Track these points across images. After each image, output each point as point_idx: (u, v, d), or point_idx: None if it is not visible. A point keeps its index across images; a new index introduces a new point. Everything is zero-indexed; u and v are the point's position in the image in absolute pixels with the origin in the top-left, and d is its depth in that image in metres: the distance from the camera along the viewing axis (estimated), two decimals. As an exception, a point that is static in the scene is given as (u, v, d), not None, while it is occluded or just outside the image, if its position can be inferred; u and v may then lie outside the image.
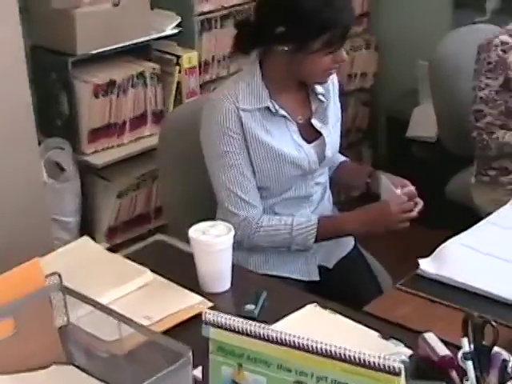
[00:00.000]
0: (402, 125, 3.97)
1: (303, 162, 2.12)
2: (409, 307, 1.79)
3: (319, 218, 2.11)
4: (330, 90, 2.19)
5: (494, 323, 1.40)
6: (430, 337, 1.53)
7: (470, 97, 2.85)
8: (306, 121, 2.16)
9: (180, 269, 1.92)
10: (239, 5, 3.55)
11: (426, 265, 1.91)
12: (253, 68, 2.09)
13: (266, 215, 2.12)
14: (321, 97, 2.16)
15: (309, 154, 2.13)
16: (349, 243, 2.28)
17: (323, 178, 2.23)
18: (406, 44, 4.25)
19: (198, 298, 1.80)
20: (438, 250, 1.97)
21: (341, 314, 1.74)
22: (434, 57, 3.21)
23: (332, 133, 2.19)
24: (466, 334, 1.40)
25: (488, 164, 2.83)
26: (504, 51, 2.65)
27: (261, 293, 1.79)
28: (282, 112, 2.10)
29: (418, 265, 1.91)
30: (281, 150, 2.09)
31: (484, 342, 1.38)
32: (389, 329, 1.68)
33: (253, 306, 1.75)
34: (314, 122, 2.16)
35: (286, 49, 2.02)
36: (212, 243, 1.83)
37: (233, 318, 1.29)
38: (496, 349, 1.36)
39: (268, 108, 2.08)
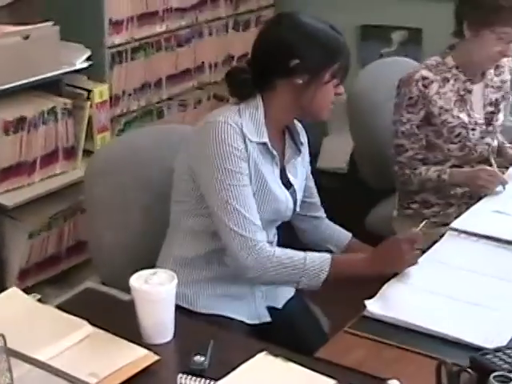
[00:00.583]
0: (312, 156, 3.97)
1: (282, 206, 2.09)
2: (361, 351, 1.76)
3: (332, 256, 2.03)
4: (304, 142, 2.19)
5: (470, 371, 1.38)
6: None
7: (387, 131, 2.87)
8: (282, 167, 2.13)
9: (118, 319, 1.84)
10: (149, 37, 3.49)
11: (373, 306, 1.88)
12: (255, 103, 2.04)
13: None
14: (299, 146, 2.16)
15: (287, 200, 2.11)
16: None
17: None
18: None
19: (142, 351, 1.71)
20: (382, 289, 1.95)
21: (292, 361, 1.68)
22: (351, 91, 3.21)
23: (299, 187, 2.18)
24: (439, 382, 1.37)
25: (410, 197, 2.85)
26: (425, 86, 2.67)
27: (208, 343, 1.72)
28: (274, 152, 2.06)
29: (364, 306, 1.89)
30: (271, 187, 2.05)
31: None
32: (344, 375, 1.64)
33: (202, 358, 1.68)
34: (288, 168, 2.14)
35: (301, 81, 2.00)
36: (156, 292, 1.75)
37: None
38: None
39: (265, 144, 2.04)
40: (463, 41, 2.70)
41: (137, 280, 1.77)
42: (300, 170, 2.18)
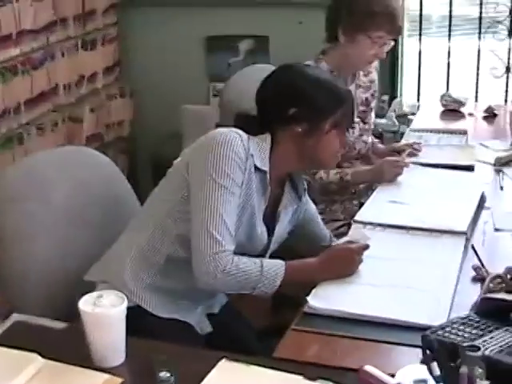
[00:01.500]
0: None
1: (254, 238, 2.11)
2: (316, 345, 1.80)
3: (286, 262, 2.05)
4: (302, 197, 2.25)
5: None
6: (372, 369, 1.57)
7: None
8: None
9: (60, 348, 1.79)
10: (5, 61, 3.40)
11: (314, 301, 1.94)
12: (264, 137, 2.07)
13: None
14: (300, 194, 2.22)
15: (262, 237, 2.14)
16: None
17: None
18: (164, 90, 4.30)
19: (103, 376, 1.68)
20: (317, 286, 2.02)
21: (254, 364, 1.72)
22: (221, 102, 3.28)
23: (279, 237, 2.21)
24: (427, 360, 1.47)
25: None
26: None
27: (166, 358, 1.72)
28: (269, 186, 2.08)
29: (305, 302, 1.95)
30: (254, 213, 2.07)
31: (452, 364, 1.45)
32: (308, 370, 1.68)
33: (167, 374, 1.67)
34: (281, 216, 2.17)
35: (300, 130, 2.04)
36: (110, 314, 1.73)
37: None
38: (463, 368, 1.43)
39: (264, 173, 2.06)
40: (337, 45, 2.82)
41: (85, 304, 1.74)
42: (289, 220, 2.22)
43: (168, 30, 4.25)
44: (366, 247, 2.10)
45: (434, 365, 1.45)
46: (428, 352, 1.57)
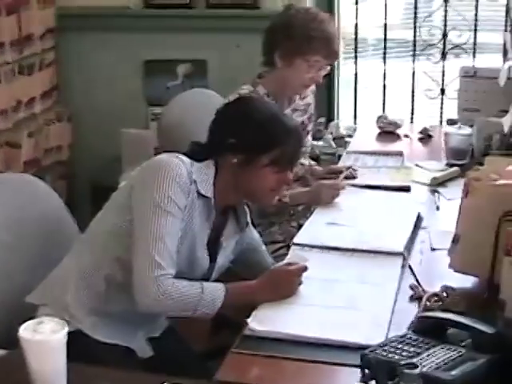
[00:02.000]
0: (108, 193, 3.99)
1: (197, 264, 2.13)
2: (257, 367, 1.82)
3: (226, 284, 2.07)
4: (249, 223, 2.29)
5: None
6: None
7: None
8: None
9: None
10: None
11: (254, 324, 1.96)
12: (207, 163, 2.11)
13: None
14: (242, 225, 2.26)
15: (203, 263, 2.16)
16: None
17: None
18: (103, 113, 4.30)
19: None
20: (257, 308, 2.04)
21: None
22: (159, 126, 3.30)
23: (221, 266, 2.23)
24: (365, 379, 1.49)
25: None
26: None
27: None
28: (213, 210, 2.10)
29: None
30: (195, 237, 2.09)
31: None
32: (250, 393, 1.71)
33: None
34: (223, 245, 2.20)
35: (235, 160, 2.07)
36: (52, 341, 1.71)
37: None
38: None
39: (207, 200, 2.08)
40: (274, 69, 2.86)
41: (25, 331, 1.72)
42: (232, 250, 2.25)
43: (105, 55, 4.25)
44: (305, 269, 2.12)
45: (373, 383, 1.47)
46: (367, 371, 1.60)
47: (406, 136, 3.68)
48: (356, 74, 4.28)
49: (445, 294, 2.05)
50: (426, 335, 1.77)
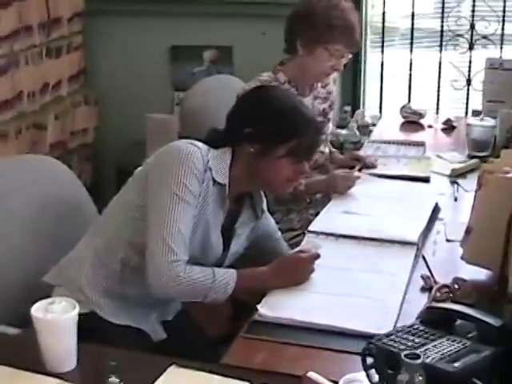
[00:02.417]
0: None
1: (210, 250, 2.15)
2: (263, 352, 1.84)
3: (237, 270, 2.09)
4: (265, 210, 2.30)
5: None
6: (315, 376, 1.60)
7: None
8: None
9: (14, 353, 1.81)
10: None
11: (264, 309, 1.98)
12: (224, 150, 2.11)
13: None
14: (258, 213, 2.26)
15: (217, 250, 2.17)
16: None
17: None
18: (129, 98, 4.33)
19: (54, 381, 1.71)
20: (268, 294, 2.06)
21: (202, 370, 1.75)
22: (181, 111, 3.32)
23: (235, 252, 2.25)
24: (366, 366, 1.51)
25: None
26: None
27: (117, 364, 1.74)
28: (227, 200, 2.12)
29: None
30: (209, 224, 2.11)
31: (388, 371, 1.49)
32: (255, 376, 1.72)
33: (117, 380, 1.70)
34: (238, 232, 2.22)
35: (252, 150, 2.07)
36: (62, 320, 1.75)
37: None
38: (400, 377, 1.47)
39: (221, 187, 2.09)
40: (295, 57, 2.87)
41: (37, 311, 1.76)
42: (246, 237, 2.27)
43: (133, 39, 4.28)
44: (317, 256, 2.14)
45: (372, 372, 1.49)
46: (369, 359, 1.61)
47: (430, 126, 3.67)
48: (382, 63, 4.27)
49: (456, 286, 2.05)
50: (434, 326, 1.77)
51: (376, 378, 1.48)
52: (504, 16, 3.98)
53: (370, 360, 1.62)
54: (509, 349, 1.64)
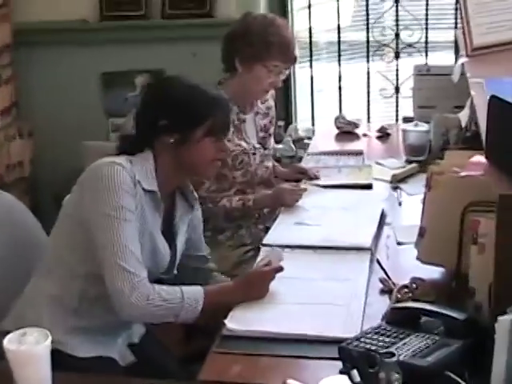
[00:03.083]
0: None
1: (159, 257, 2.16)
2: (238, 365, 1.86)
3: (204, 287, 2.10)
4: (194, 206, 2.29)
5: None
6: (294, 383, 1.64)
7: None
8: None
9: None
10: None
11: (232, 324, 2.01)
12: (145, 155, 2.11)
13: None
14: (192, 203, 2.27)
15: (166, 253, 2.19)
16: None
17: None
18: (63, 128, 4.31)
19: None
20: (234, 308, 2.09)
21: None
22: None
23: (182, 243, 2.27)
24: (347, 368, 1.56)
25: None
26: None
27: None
28: (161, 202, 2.12)
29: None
30: (153, 235, 2.12)
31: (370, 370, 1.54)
32: (234, 390, 1.76)
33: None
34: (177, 227, 2.22)
35: (172, 140, 2.09)
36: (36, 351, 1.75)
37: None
38: (382, 374, 1.52)
39: (153, 193, 2.09)
40: (234, 76, 2.91)
41: (10, 343, 1.75)
42: (186, 230, 2.28)
43: (63, 69, 4.27)
44: (280, 269, 2.18)
45: (355, 372, 1.53)
46: (347, 361, 1.66)
47: (365, 135, 3.76)
48: (312, 77, 4.35)
49: (414, 286, 2.12)
50: (400, 325, 1.84)
51: (358, 378, 1.52)
52: (427, 24, 4.11)
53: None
54: (476, 340, 1.71)
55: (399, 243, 2.52)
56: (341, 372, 1.67)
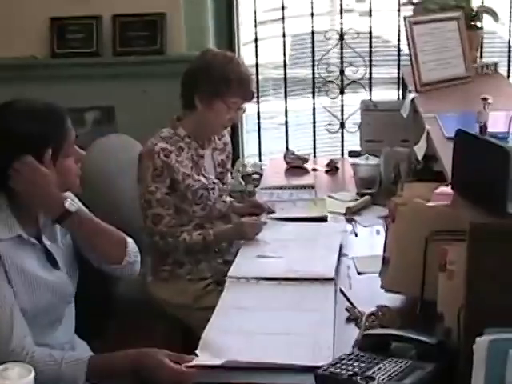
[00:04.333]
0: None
1: (57, 287, 2.14)
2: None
3: (91, 356, 2.08)
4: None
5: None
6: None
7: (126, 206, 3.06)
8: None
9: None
10: None
11: (205, 356, 2.04)
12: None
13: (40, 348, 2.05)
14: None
15: (62, 280, 2.16)
16: None
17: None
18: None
19: None
20: (202, 338, 2.12)
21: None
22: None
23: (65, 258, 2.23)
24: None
25: (162, 261, 3.03)
26: (166, 156, 2.89)
27: None
28: (32, 240, 2.10)
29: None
30: (38, 276, 2.08)
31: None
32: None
33: None
34: (55, 250, 2.18)
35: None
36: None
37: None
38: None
39: (20, 236, 2.07)
40: (193, 111, 2.96)
41: (-9, 379, 1.76)
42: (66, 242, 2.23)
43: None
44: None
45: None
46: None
47: (314, 169, 3.85)
48: (259, 113, 4.44)
49: (380, 313, 2.19)
50: (372, 351, 1.90)
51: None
52: (371, 61, 4.25)
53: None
54: (447, 363, 1.79)
55: (360, 273, 2.59)
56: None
